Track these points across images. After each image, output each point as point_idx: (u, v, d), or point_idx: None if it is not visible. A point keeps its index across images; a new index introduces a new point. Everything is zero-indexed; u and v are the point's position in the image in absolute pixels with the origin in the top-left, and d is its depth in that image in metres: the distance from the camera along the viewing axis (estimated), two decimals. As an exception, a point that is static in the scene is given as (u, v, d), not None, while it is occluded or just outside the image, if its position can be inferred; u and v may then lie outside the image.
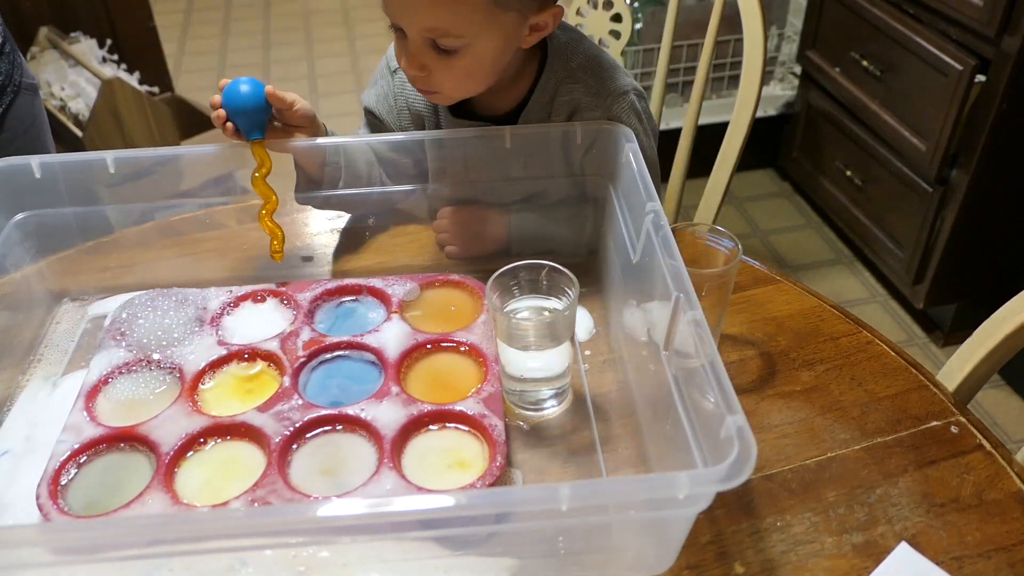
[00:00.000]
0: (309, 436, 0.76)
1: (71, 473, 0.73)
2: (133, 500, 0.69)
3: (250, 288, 0.92)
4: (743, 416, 0.57)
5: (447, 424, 0.77)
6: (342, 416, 0.77)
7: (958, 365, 0.87)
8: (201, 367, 0.82)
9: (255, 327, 0.87)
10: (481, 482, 0.70)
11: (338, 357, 0.84)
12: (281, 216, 0.92)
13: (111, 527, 0.61)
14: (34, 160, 0.87)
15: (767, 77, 2.30)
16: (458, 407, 0.77)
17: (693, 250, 0.81)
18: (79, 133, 2.00)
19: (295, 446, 0.75)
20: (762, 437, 0.78)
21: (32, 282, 0.93)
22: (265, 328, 0.87)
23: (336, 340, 0.85)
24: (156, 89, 2.28)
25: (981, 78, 1.59)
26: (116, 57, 2.28)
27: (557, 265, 0.77)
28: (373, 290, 0.91)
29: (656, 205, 0.76)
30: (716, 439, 0.58)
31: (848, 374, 0.84)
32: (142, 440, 0.75)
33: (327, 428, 0.76)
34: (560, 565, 0.69)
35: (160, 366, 0.83)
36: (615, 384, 0.83)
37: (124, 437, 0.75)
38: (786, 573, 0.67)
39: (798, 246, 2.21)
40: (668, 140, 1.18)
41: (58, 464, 0.73)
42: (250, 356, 0.84)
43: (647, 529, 0.67)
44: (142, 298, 0.90)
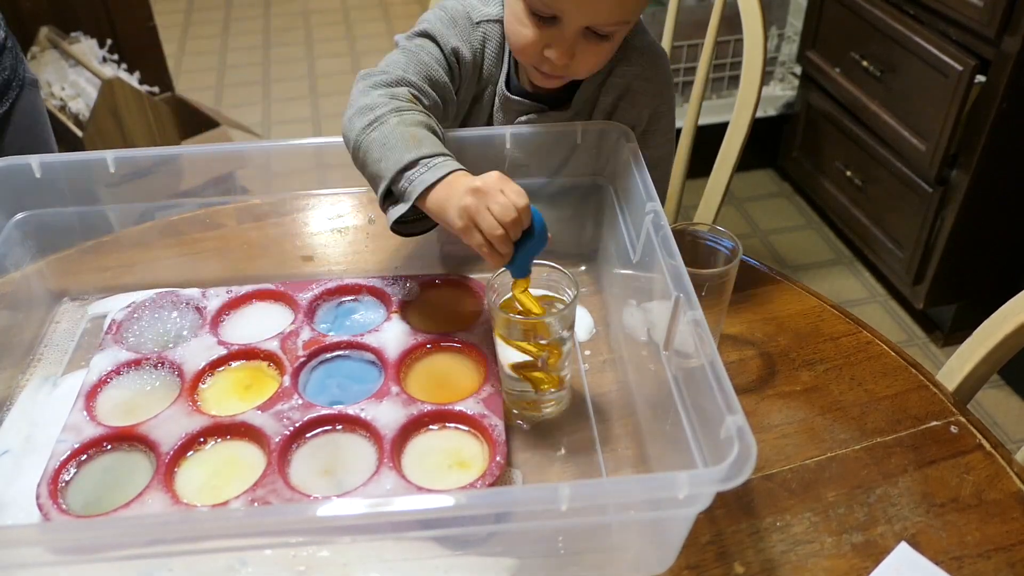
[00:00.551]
0: (309, 436, 0.76)
1: (71, 473, 0.73)
2: (133, 500, 0.69)
3: (250, 288, 0.92)
4: (743, 416, 0.57)
5: (447, 424, 0.77)
6: (342, 416, 0.77)
7: (958, 365, 0.87)
8: (201, 367, 0.82)
9: (255, 327, 0.87)
10: (481, 482, 0.70)
11: (338, 357, 0.84)
12: (281, 215, 0.91)
13: (111, 527, 0.61)
14: (34, 160, 0.87)
15: (767, 77, 2.30)
16: (458, 407, 0.77)
17: (693, 250, 0.81)
18: (79, 133, 2.00)
19: (295, 446, 0.75)
20: (762, 437, 0.78)
21: (32, 282, 0.93)
22: (265, 328, 0.87)
23: (336, 340, 0.85)
24: (156, 89, 2.28)
25: (981, 78, 1.59)
26: (116, 57, 2.27)
27: (557, 265, 0.78)
28: (373, 290, 0.91)
29: (656, 205, 0.76)
30: (716, 439, 0.58)
31: (848, 374, 0.84)
32: (142, 440, 0.75)
33: (327, 428, 0.76)
34: (560, 565, 0.69)
35: (160, 366, 0.83)
36: (615, 384, 0.83)
37: (124, 437, 0.75)
38: (786, 573, 0.67)
39: (798, 246, 2.20)
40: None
41: (58, 464, 0.73)
42: (250, 356, 0.84)
43: (647, 529, 0.67)
44: (142, 298, 0.90)
